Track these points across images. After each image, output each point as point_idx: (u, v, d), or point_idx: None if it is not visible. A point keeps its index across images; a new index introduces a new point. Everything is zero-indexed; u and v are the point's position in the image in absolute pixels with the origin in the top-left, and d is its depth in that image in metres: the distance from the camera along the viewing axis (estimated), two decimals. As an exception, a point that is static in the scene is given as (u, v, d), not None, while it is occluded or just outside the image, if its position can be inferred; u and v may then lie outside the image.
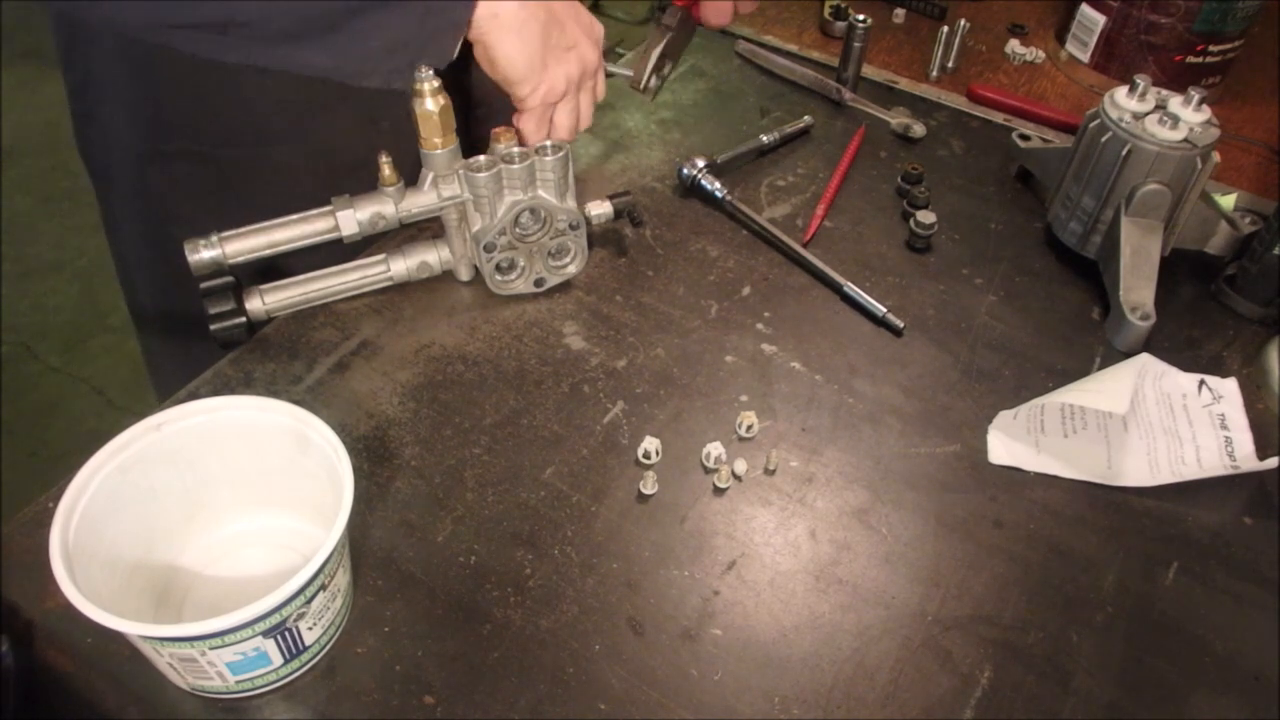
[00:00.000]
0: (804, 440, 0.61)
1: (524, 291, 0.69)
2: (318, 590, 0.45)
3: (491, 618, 0.51)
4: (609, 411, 0.62)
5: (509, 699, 0.48)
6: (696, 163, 0.78)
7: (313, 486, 0.50)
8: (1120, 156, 0.68)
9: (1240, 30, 0.88)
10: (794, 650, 0.51)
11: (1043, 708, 0.49)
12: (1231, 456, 0.59)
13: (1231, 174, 0.85)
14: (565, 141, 0.66)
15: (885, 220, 0.79)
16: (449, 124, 0.61)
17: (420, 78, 0.58)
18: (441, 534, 0.55)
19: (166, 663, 0.44)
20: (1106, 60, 0.94)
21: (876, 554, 0.55)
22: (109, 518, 0.47)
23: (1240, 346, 0.69)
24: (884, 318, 0.69)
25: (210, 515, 0.53)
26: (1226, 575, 0.55)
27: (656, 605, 0.52)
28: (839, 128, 0.89)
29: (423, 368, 0.64)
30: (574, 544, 0.55)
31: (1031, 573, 0.55)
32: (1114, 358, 0.67)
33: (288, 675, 0.48)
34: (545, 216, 0.66)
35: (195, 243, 0.60)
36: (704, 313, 0.70)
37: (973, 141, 0.88)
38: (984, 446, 0.61)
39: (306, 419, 0.49)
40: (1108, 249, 0.71)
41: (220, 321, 0.62)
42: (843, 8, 1.00)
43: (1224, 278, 0.72)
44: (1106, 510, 0.58)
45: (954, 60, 0.97)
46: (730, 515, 0.57)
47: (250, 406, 0.50)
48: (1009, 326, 0.70)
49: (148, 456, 0.49)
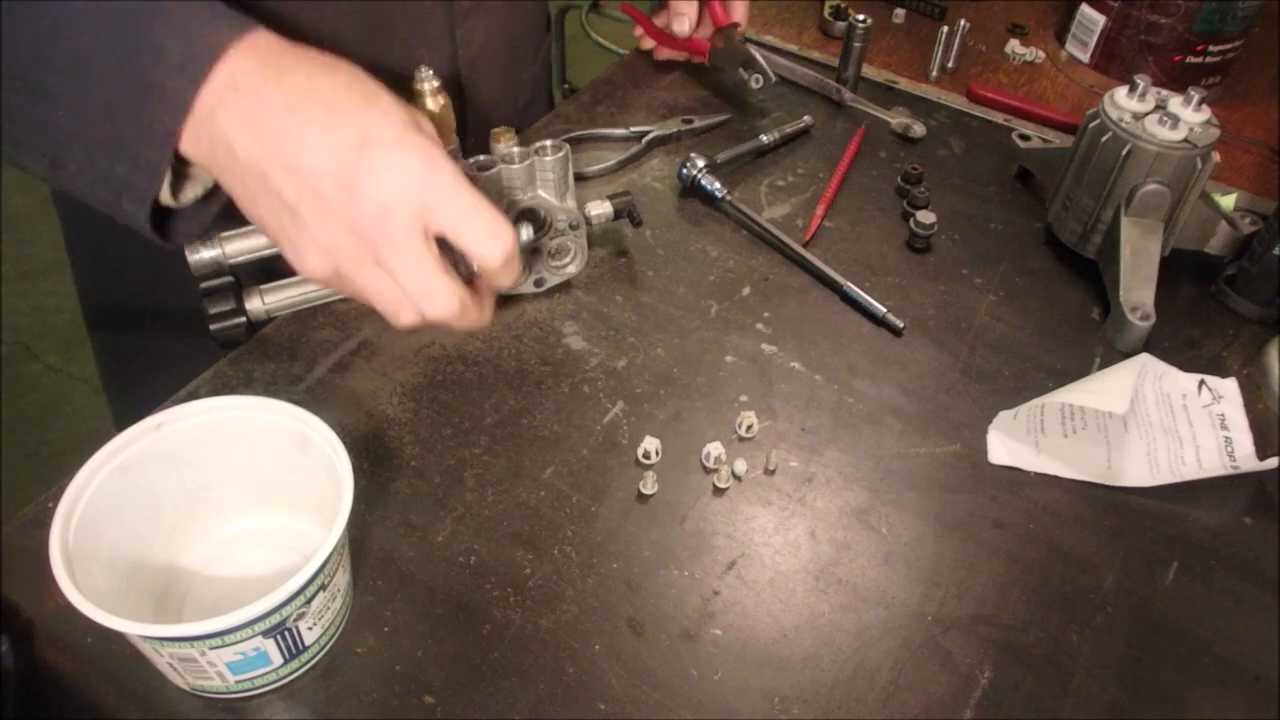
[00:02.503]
0: (804, 440, 0.61)
1: (524, 291, 0.69)
2: (318, 590, 0.45)
3: (491, 618, 0.51)
4: (609, 411, 0.62)
5: (509, 699, 0.48)
6: (696, 162, 0.78)
7: (313, 486, 0.50)
8: (1120, 156, 0.68)
9: (1240, 30, 0.88)
10: (794, 650, 0.51)
11: (1043, 708, 0.49)
12: (1231, 456, 0.59)
13: (1231, 174, 0.85)
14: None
15: (885, 220, 0.79)
16: (449, 124, 0.61)
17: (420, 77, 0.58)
18: (441, 534, 0.55)
19: (166, 663, 0.44)
20: (1106, 60, 0.94)
21: (876, 554, 0.55)
22: (109, 518, 0.47)
23: (1240, 346, 0.69)
24: (884, 317, 0.69)
25: (210, 515, 0.53)
26: (1226, 575, 0.55)
27: (656, 605, 0.52)
28: (839, 128, 0.89)
29: (423, 368, 0.64)
30: (574, 544, 0.55)
31: (1031, 573, 0.55)
32: (1114, 358, 0.67)
33: (288, 675, 0.48)
34: (545, 216, 0.66)
35: (195, 243, 0.60)
36: (704, 313, 0.70)
37: (973, 141, 0.88)
38: (984, 446, 0.61)
39: (306, 419, 0.49)
40: (1108, 249, 0.71)
41: (220, 321, 0.62)
42: (843, 8, 1.00)
43: (1224, 278, 0.72)
44: (1106, 510, 0.58)
45: (954, 60, 0.97)
46: (730, 515, 0.57)
47: (250, 406, 0.50)
48: (1009, 326, 0.70)
49: (148, 456, 0.49)
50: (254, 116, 0.45)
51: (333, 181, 0.45)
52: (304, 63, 0.47)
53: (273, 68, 0.46)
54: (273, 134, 0.45)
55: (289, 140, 0.45)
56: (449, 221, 0.47)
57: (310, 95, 0.45)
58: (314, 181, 0.45)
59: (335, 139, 0.45)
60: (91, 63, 0.45)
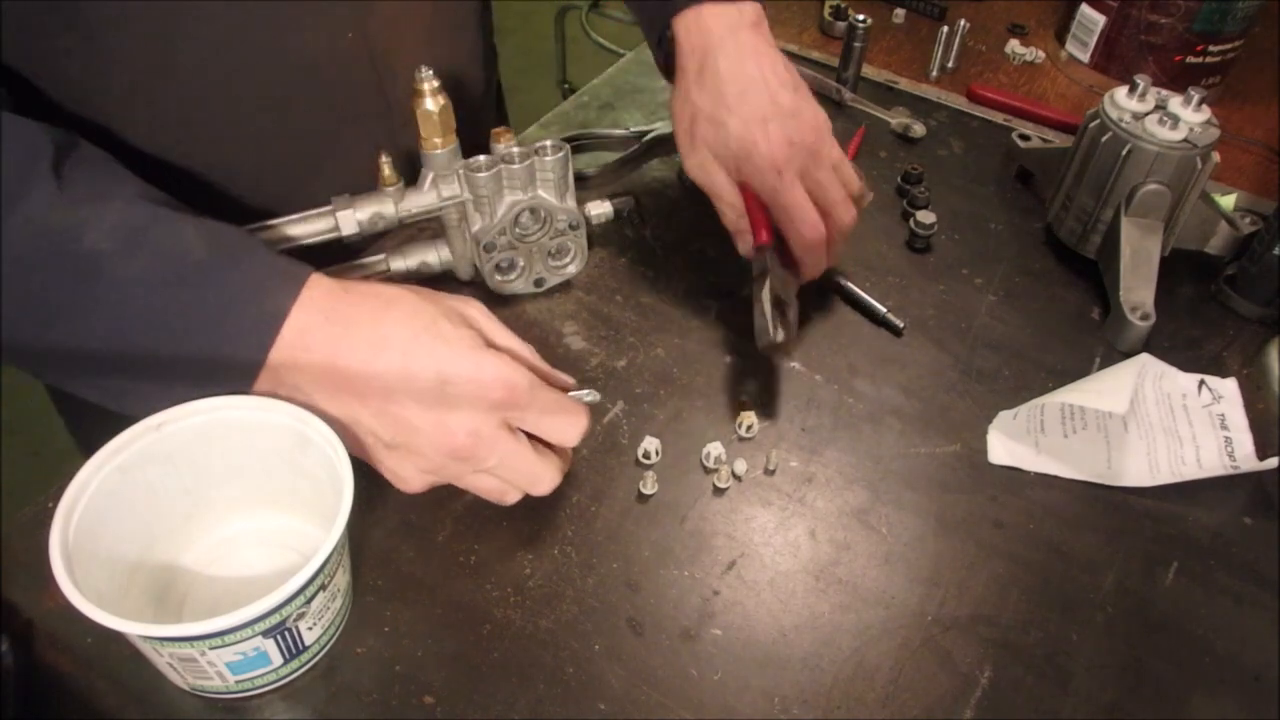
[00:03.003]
0: (804, 440, 0.61)
1: (524, 291, 0.69)
2: (318, 590, 0.45)
3: (491, 618, 0.51)
4: (609, 411, 0.62)
5: (509, 699, 0.48)
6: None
7: (313, 486, 0.50)
8: (1120, 156, 0.68)
9: (1240, 30, 0.88)
10: (794, 650, 0.51)
11: (1043, 708, 0.49)
12: (1231, 456, 0.59)
13: (1231, 174, 0.85)
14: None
15: (885, 220, 0.79)
16: (449, 124, 0.61)
17: (420, 77, 0.58)
18: (441, 534, 0.55)
19: (166, 663, 0.44)
20: (1106, 60, 0.94)
21: (876, 554, 0.55)
22: (109, 518, 0.47)
23: (1240, 346, 0.69)
24: (884, 317, 0.69)
25: (210, 515, 0.53)
26: (1226, 575, 0.55)
27: (656, 605, 0.52)
28: (839, 128, 0.88)
29: (423, 368, 0.64)
30: (574, 544, 0.55)
31: (1031, 573, 0.55)
32: (1114, 358, 0.67)
33: (288, 675, 0.48)
34: (545, 216, 0.66)
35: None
36: (704, 313, 0.70)
37: (973, 141, 0.88)
38: (984, 446, 0.61)
39: (306, 419, 0.49)
40: (1108, 249, 0.71)
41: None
42: (843, 8, 1.00)
43: (1224, 278, 0.72)
44: (1106, 510, 0.58)
45: (954, 60, 0.97)
46: (730, 515, 0.57)
47: (250, 406, 0.50)
48: (1009, 326, 0.70)
49: (148, 456, 0.49)
50: (331, 376, 0.47)
51: (424, 421, 0.48)
52: (366, 309, 0.49)
53: (338, 323, 0.48)
54: (354, 388, 0.48)
55: (373, 393, 0.48)
56: (533, 426, 0.51)
57: (381, 345, 0.48)
58: (406, 423, 0.48)
59: (417, 384, 0.47)
60: (158, 351, 0.46)
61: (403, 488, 0.51)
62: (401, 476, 0.50)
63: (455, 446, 0.48)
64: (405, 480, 0.50)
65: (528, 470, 0.51)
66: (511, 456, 0.50)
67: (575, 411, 0.52)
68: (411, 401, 0.47)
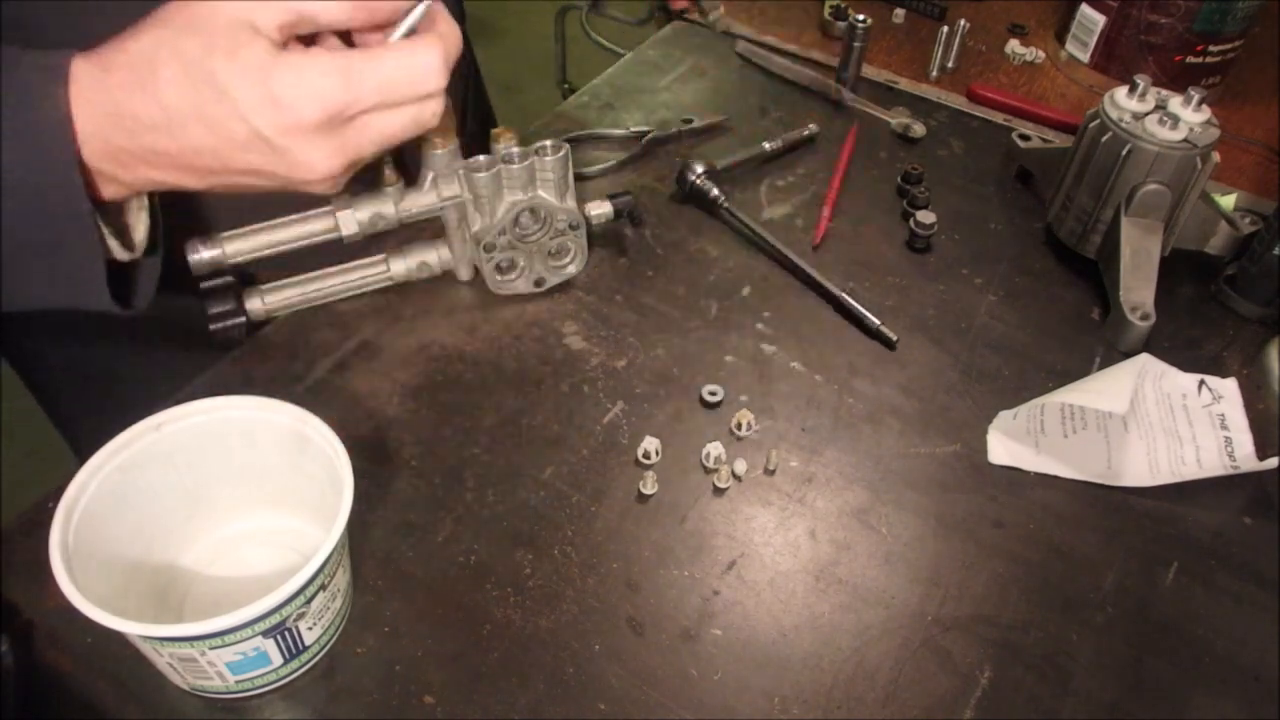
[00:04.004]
0: (804, 440, 0.61)
1: (524, 291, 0.69)
2: (318, 590, 0.45)
3: (491, 618, 0.51)
4: (609, 411, 0.62)
5: (509, 699, 0.48)
6: (695, 168, 0.78)
7: (313, 486, 0.50)
8: (1120, 156, 0.68)
9: (1240, 30, 0.88)
10: (794, 650, 0.51)
11: (1043, 708, 0.49)
12: (1231, 457, 0.59)
13: (1231, 174, 0.85)
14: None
15: (885, 220, 0.79)
16: (449, 124, 0.61)
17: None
18: (441, 534, 0.55)
19: (166, 663, 0.44)
20: (1106, 60, 0.94)
21: (876, 554, 0.55)
22: (109, 518, 0.47)
23: (1240, 346, 0.69)
24: (878, 330, 0.68)
25: (210, 515, 0.53)
26: (1226, 575, 0.55)
27: (656, 605, 0.52)
28: (839, 128, 0.89)
29: (423, 368, 0.64)
30: (574, 544, 0.55)
31: (1031, 573, 0.55)
32: (1114, 358, 0.67)
33: (288, 675, 0.48)
34: (545, 216, 0.66)
35: (195, 243, 0.60)
36: (704, 313, 0.70)
37: (973, 141, 0.88)
38: (984, 446, 0.61)
39: (306, 419, 0.49)
40: (1108, 249, 0.71)
41: (220, 321, 0.62)
42: (843, 8, 1.00)
43: (1224, 278, 0.72)
44: (1106, 510, 0.58)
45: (954, 60, 0.97)
46: (730, 515, 0.57)
47: (250, 406, 0.50)
48: (1009, 326, 0.70)
49: (148, 456, 0.49)
50: (155, 160, 0.44)
51: (271, 155, 0.44)
52: (136, 89, 0.43)
53: (126, 116, 0.43)
54: (187, 166, 0.45)
55: (204, 167, 0.45)
56: (378, 123, 0.46)
57: (179, 122, 0.43)
58: (259, 162, 0.44)
59: (238, 140, 0.44)
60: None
61: (322, 189, 0.47)
62: (308, 175, 0.46)
63: (313, 129, 0.43)
64: (313, 167, 0.45)
65: (403, 79, 0.44)
66: (376, 86, 0.44)
67: (416, 67, 0.45)
68: (240, 152, 0.44)
